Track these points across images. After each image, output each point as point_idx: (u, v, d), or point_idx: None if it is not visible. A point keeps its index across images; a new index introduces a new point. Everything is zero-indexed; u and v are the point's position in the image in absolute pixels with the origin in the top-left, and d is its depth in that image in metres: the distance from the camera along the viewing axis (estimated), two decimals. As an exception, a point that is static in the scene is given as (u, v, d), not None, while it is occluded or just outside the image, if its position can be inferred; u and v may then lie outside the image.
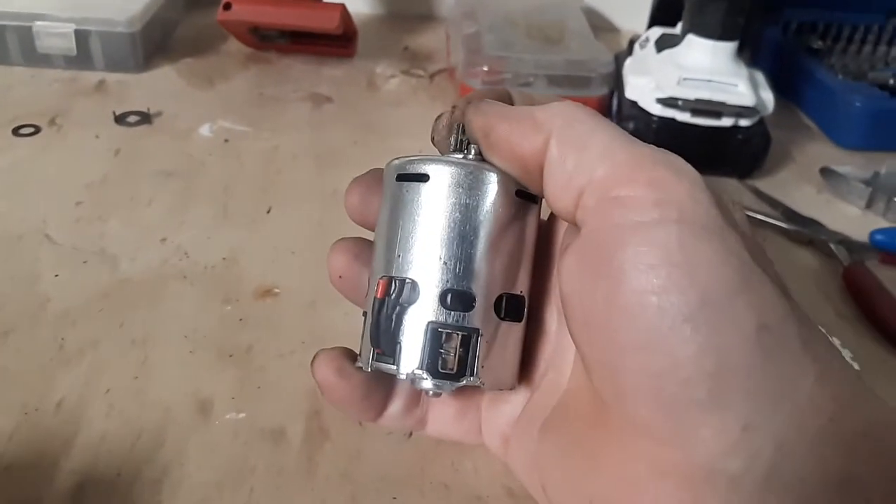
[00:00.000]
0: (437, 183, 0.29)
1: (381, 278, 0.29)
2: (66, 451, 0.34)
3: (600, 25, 0.87)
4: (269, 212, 0.52)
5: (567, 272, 0.26)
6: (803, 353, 0.23)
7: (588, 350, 0.26)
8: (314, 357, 0.32)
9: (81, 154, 0.57)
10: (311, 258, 0.48)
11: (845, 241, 0.53)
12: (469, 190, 0.29)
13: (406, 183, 0.30)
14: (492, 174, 0.29)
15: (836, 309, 0.48)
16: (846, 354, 0.39)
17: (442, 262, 0.28)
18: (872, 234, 0.52)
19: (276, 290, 0.45)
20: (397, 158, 0.31)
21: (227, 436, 0.36)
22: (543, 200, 0.29)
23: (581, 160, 0.26)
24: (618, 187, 0.25)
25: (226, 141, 0.60)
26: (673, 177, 0.24)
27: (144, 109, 0.62)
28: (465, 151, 0.30)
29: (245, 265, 0.47)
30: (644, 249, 0.23)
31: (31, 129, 0.59)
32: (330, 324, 0.42)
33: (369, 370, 0.30)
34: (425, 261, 0.29)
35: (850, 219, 0.57)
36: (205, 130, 0.61)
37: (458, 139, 0.30)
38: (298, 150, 0.59)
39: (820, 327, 0.24)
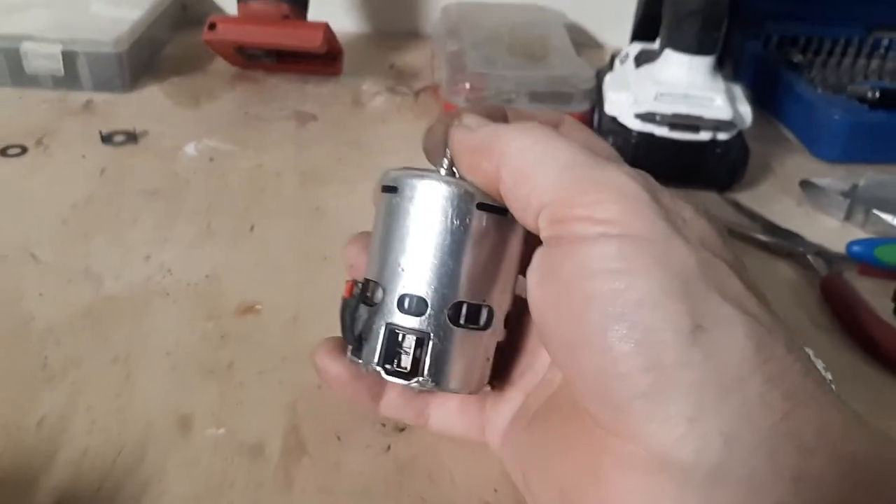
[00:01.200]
0: (402, 194, 0.31)
1: (347, 280, 0.32)
2: (47, 468, 0.34)
3: (584, 42, 0.88)
4: (252, 229, 0.52)
5: (531, 283, 0.29)
6: (754, 353, 0.24)
7: (552, 354, 0.28)
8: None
9: (68, 174, 0.58)
10: (294, 275, 0.48)
11: (823, 253, 0.53)
12: (429, 201, 0.31)
13: (383, 193, 0.32)
14: (450, 188, 0.31)
15: (814, 319, 0.48)
16: (819, 365, 0.40)
17: (400, 267, 0.31)
18: (849, 245, 0.53)
19: (258, 307, 0.45)
20: (391, 170, 0.33)
21: (207, 451, 0.36)
22: None
23: (531, 188, 0.28)
24: (563, 210, 0.27)
25: (211, 160, 0.61)
26: (614, 196, 0.26)
27: (131, 129, 0.63)
28: (442, 165, 0.32)
29: (227, 282, 0.47)
30: (588, 258, 0.26)
31: (18, 150, 0.60)
32: (311, 340, 0.42)
33: (349, 361, 0.33)
34: (387, 266, 0.31)
35: (829, 231, 0.58)
36: (190, 149, 0.62)
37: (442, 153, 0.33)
38: (283, 167, 0.60)
39: (793, 336, 0.25)
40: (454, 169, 0.32)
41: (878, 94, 0.66)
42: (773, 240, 0.55)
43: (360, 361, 0.32)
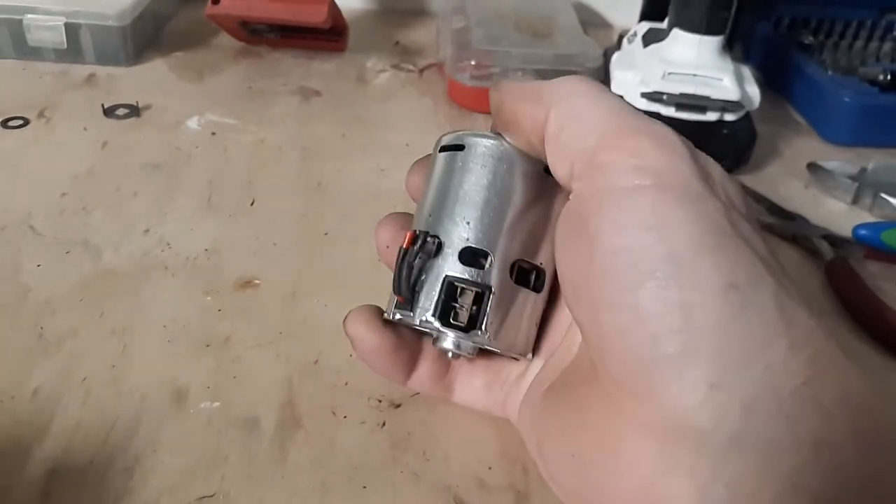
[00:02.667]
0: (470, 152, 0.32)
1: (409, 231, 0.32)
2: (40, 439, 0.34)
3: (593, 21, 0.87)
4: (252, 204, 0.52)
5: (558, 238, 0.28)
6: (778, 317, 0.23)
7: (575, 312, 0.28)
8: (347, 314, 0.34)
9: (69, 146, 0.57)
10: (293, 250, 0.48)
11: (829, 236, 0.53)
12: (497, 160, 0.31)
13: (445, 153, 0.33)
14: (516, 150, 0.31)
15: (818, 303, 0.48)
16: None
17: (465, 221, 0.31)
18: (855, 228, 0.52)
19: (257, 281, 0.45)
20: (446, 134, 0.34)
21: (201, 424, 0.36)
22: None
23: (575, 131, 0.28)
24: (601, 154, 0.26)
25: (213, 134, 0.60)
26: (654, 145, 0.26)
27: (133, 102, 0.62)
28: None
29: (226, 256, 0.47)
30: (618, 212, 0.25)
31: (20, 122, 0.59)
32: (308, 315, 0.43)
33: (391, 318, 0.32)
34: (450, 219, 0.31)
35: (837, 214, 0.57)
36: (192, 123, 0.61)
37: None
38: (285, 142, 0.60)
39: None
40: None
41: (889, 77, 0.66)
42: (779, 222, 0.54)
43: (411, 314, 0.31)
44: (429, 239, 0.31)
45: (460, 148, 0.32)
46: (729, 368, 0.23)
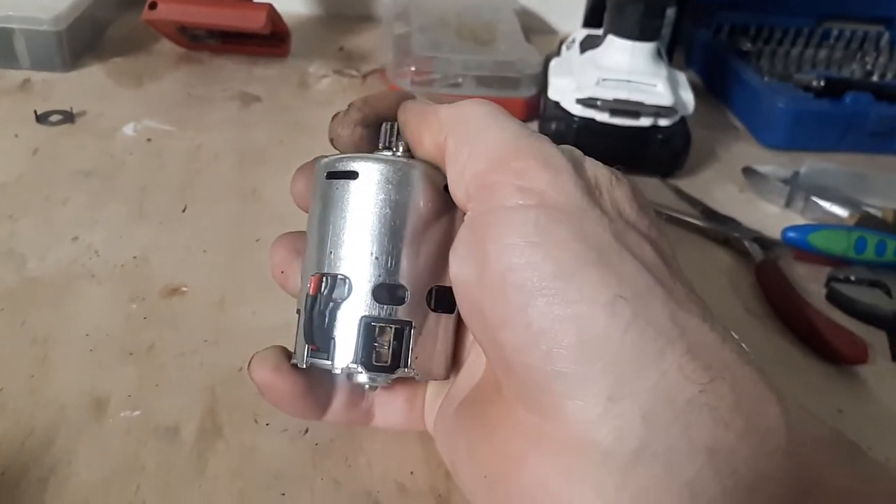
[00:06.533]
0: (366, 180, 0.30)
1: (314, 275, 0.30)
2: (-49, 451, 0.34)
3: (537, 27, 0.87)
4: (184, 211, 0.51)
5: (452, 257, 0.28)
6: (671, 325, 0.24)
7: (474, 331, 0.28)
8: (250, 359, 0.32)
9: (-2, 153, 0.56)
10: (223, 257, 0.47)
11: (759, 239, 0.53)
12: (397, 186, 0.30)
13: (335, 181, 0.30)
14: (417, 170, 0.30)
15: (746, 305, 0.49)
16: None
17: (374, 257, 0.29)
18: (784, 231, 0.53)
19: (184, 289, 0.44)
20: (326, 157, 0.31)
21: (120, 434, 0.35)
22: None
23: (471, 154, 0.28)
24: (490, 176, 0.27)
25: (148, 140, 0.59)
26: (538, 165, 0.26)
27: (68, 108, 0.62)
28: (395, 149, 0.31)
29: (155, 264, 0.46)
30: (505, 230, 0.25)
31: (-51, 128, 0.58)
32: (236, 323, 0.42)
33: (304, 366, 0.30)
34: (357, 256, 0.29)
35: (770, 217, 0.58)
36: (128, 130, 0.61)
37: (387, 137, 0.32)
38: (221, 149, 0.59)
39: (707, 307, 0.25)
40: (408, 150, 0.31)
41: (822, 83, 0.67)
42: (711, 225, 0.55)
43: (329, 363, 0.29)
44: (338, 280, 0.29)
45: (353, 175, 0.30)
46: (625, 380, 0.23)
